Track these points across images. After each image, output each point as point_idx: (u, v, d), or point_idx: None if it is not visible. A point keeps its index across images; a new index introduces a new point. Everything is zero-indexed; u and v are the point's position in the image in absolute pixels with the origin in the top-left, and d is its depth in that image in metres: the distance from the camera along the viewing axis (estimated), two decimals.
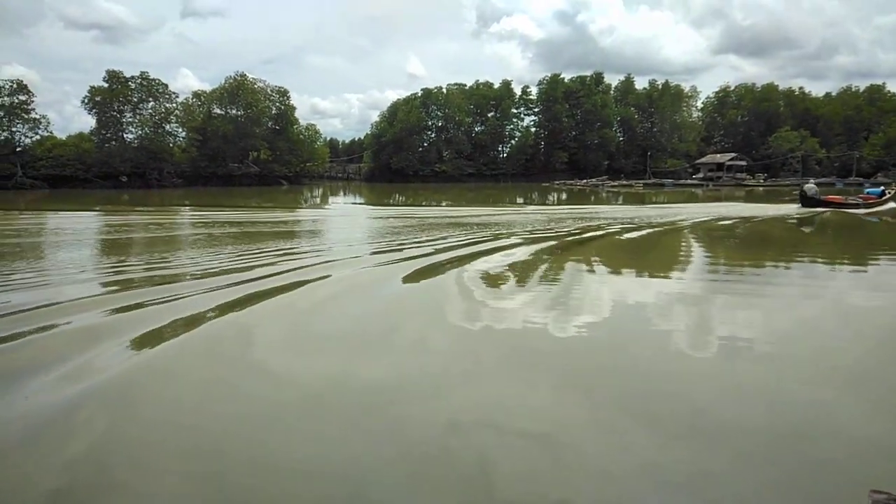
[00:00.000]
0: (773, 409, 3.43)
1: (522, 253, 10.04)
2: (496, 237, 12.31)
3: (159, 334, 4.84)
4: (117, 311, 5.61)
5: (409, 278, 7.55)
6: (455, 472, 2.75)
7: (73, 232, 14.20)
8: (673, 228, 14.81)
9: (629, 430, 3.15)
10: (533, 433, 3.11)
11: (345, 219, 20.01)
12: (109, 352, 4.38)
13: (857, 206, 20.22)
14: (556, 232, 13.57)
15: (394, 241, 11.54)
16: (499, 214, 19.48)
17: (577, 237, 12.69)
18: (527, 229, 14.13)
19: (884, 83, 79.28)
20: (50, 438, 3.04)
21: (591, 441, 3.06)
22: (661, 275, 8.34)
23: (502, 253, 9.91)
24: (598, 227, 14.54)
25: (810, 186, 21.26)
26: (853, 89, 79.98)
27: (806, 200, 20.26)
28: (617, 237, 12.87)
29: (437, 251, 9.88)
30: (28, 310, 5.53)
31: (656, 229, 14.44)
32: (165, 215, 20.41)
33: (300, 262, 8.69)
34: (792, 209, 20.25)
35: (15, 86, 48.55)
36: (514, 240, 11.93)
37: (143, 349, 4.50)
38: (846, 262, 9.81)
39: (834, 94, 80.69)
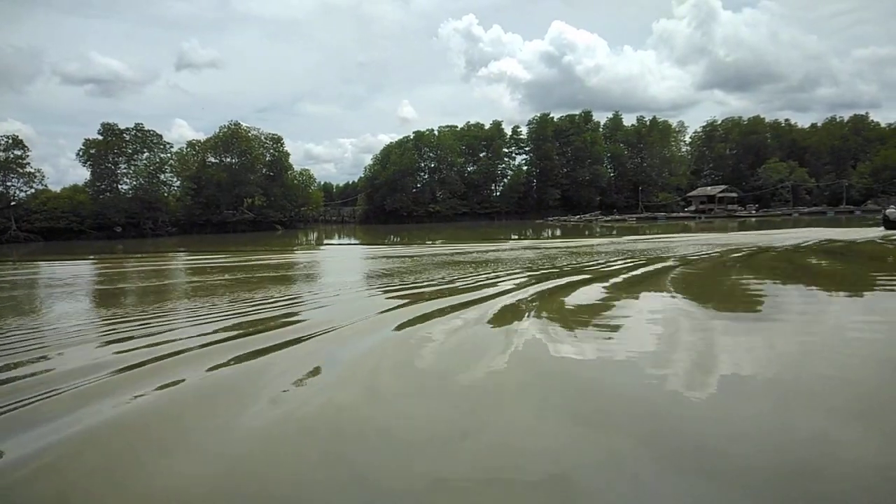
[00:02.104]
0: None
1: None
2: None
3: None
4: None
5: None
6: None
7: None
8: (796, 251, 15.61)
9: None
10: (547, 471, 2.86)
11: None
12: None
13: None
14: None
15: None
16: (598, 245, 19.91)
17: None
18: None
19: (867, 113, 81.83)
20: None
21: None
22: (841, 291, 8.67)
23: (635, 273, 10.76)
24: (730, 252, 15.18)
25: (892, 211, 23.04)
26: (838, 120, 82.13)
27: (889, 224, 22.02)
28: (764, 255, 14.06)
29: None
30: None
31: (769, 252, 15.22)
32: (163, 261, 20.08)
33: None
34: (877, 233, 21.14)
35: (10, 141, 49.07)
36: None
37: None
38: None
39: (819, 124, 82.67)
